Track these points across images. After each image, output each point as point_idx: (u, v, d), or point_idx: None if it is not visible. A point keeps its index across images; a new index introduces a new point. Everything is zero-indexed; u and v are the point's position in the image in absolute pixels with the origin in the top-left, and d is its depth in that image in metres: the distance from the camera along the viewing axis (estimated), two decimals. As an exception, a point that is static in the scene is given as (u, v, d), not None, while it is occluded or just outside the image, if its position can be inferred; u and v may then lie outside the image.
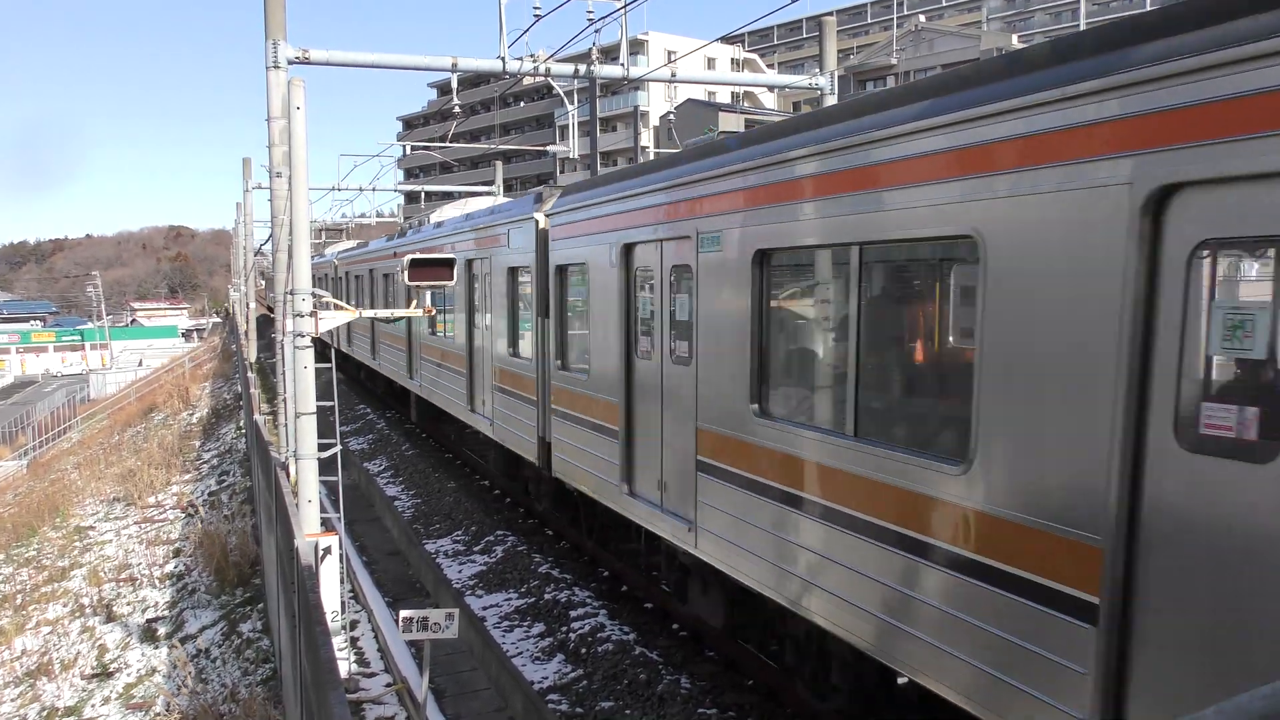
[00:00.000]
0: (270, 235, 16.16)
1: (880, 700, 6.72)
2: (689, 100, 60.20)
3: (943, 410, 5.65)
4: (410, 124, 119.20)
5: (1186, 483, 3.83)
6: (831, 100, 14.89)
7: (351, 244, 34.62)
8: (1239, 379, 3.84)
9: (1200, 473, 3.79)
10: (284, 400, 13.22)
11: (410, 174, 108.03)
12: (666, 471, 8.43)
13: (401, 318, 11.44)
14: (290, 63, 11.71)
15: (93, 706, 11.96)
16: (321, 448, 9.02)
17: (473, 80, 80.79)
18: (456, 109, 16.05)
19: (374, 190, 32.46)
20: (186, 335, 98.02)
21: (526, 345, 12.05)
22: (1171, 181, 3.80)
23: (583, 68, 14.11)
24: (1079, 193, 4.17)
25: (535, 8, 13.07)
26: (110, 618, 14.76)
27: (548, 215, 11.10)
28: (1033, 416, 4.50)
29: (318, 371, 9.06)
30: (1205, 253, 3.81)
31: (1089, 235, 4.14)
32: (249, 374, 26.11)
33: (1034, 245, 4.43)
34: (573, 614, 10.19)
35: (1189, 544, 3.83)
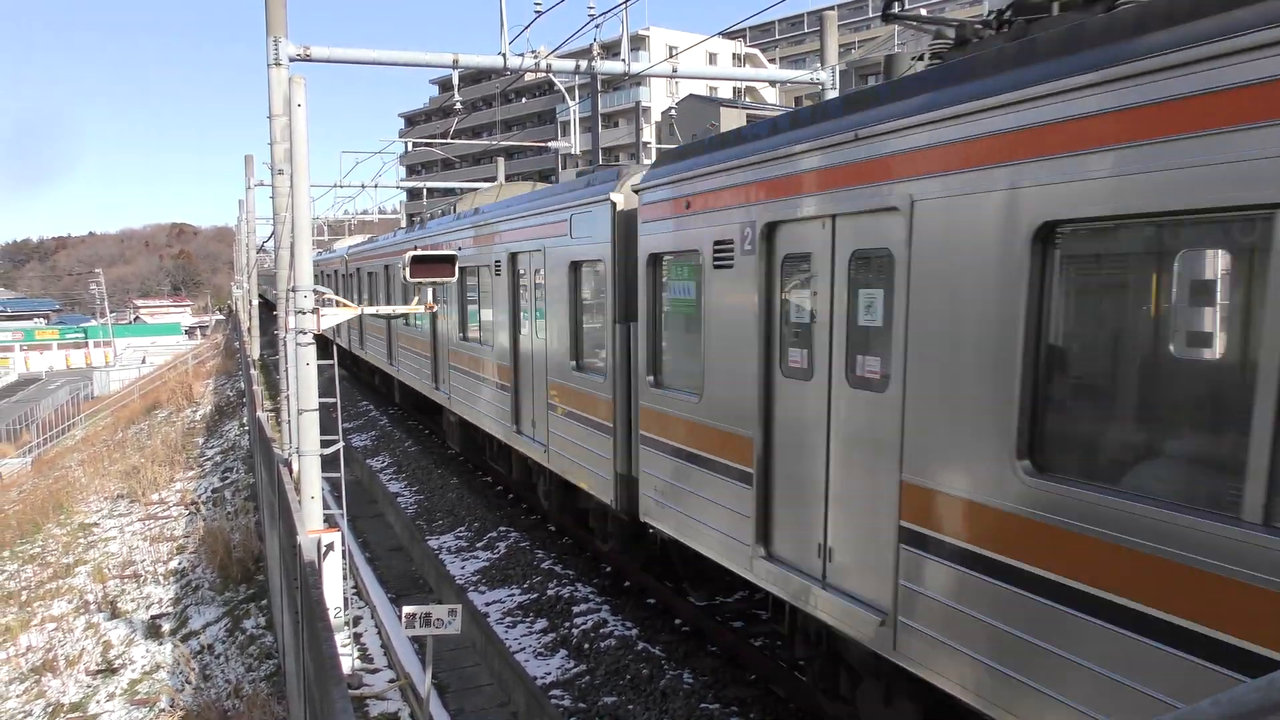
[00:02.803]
0: (273, 232, 16.18)
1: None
2: (691, 95, 60.12)
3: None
4: (412, 120, 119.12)
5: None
6: (833, 94, 14.87)
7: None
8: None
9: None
10: (286, 397, 13.24)
11: (412, 170, 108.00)
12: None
13: (403, 314, 11.39)
14: (291, 60, 11.71)
15: (98, 703, 12.00)
16: (324, 444, 9.03)
17: (474, 76, 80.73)
18: (458, 105, 16.08)
19: (376, 187, 32.45)
20: (189, 332, 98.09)
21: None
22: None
23: (584, 63, 14.09)
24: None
25: (536, 4, 13.06)
26: (114, 614, 14.81)
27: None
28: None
29: (320, 368, 9.07)
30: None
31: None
32: (251, 371, 26.15)
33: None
34: (575, 610, 10.20)
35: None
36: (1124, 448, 4.39)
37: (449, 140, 31.01)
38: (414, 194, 79.22)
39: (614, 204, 9.45)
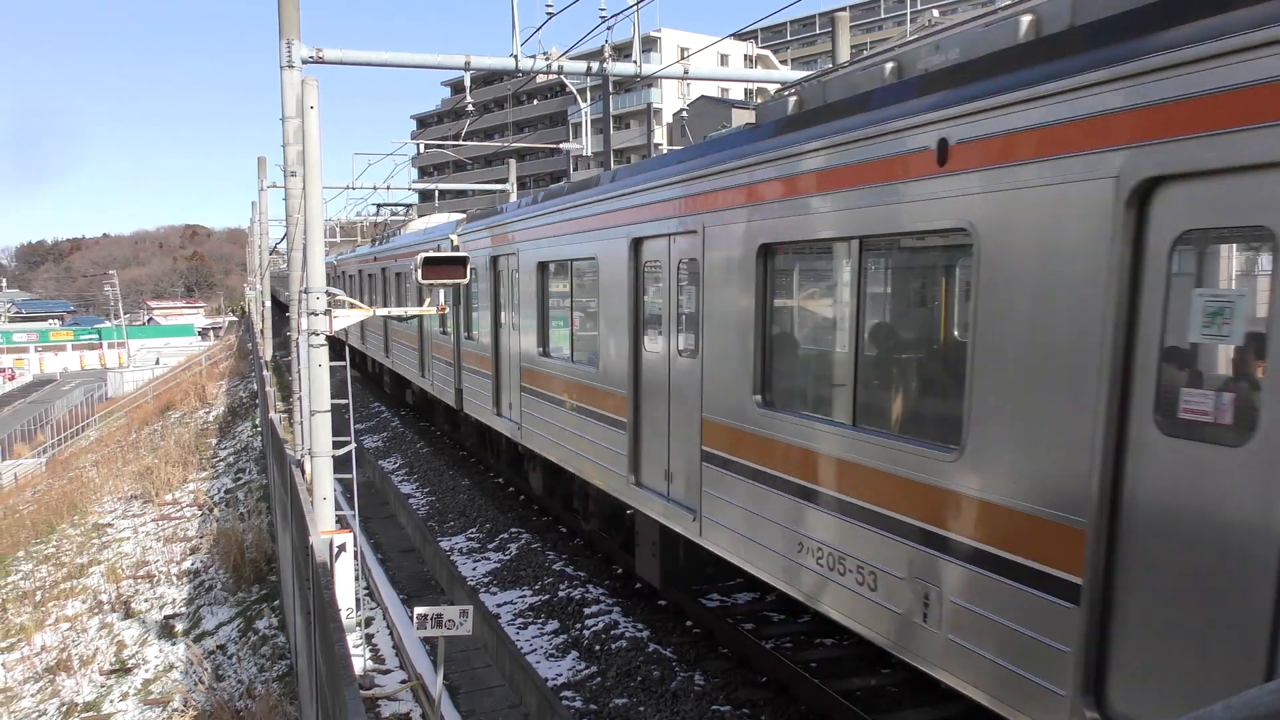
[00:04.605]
0: (285, 234, 16.25)
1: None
2: (702, 97, 60.12)
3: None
4: (424, 122, 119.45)
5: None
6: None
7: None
8: None
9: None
10: (299, 398, 13.30)
11: (424, 172, 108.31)
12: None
13: (413, 316, 11.40)
14: (304, 62, 11.76)
15: (111, 702, 12.06)
16: (336, 445, 9.06)
17: (486, 78, 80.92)
18: (470, 107, 16.10)
19: (388, 189, 32.55)
20: (203, 334, 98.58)
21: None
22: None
23: (595, 65, 14.11)
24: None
25: (548, 5, 13.09)
26: (128, 614, 14.88)
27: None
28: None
29: (332, 370, 9.10)
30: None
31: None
32: (264, 372, 26.26)
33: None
34: (586, 611, 10.21)
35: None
36: None
37: (461, 142, 31.09)
38: (426, 195, 79.55)
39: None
